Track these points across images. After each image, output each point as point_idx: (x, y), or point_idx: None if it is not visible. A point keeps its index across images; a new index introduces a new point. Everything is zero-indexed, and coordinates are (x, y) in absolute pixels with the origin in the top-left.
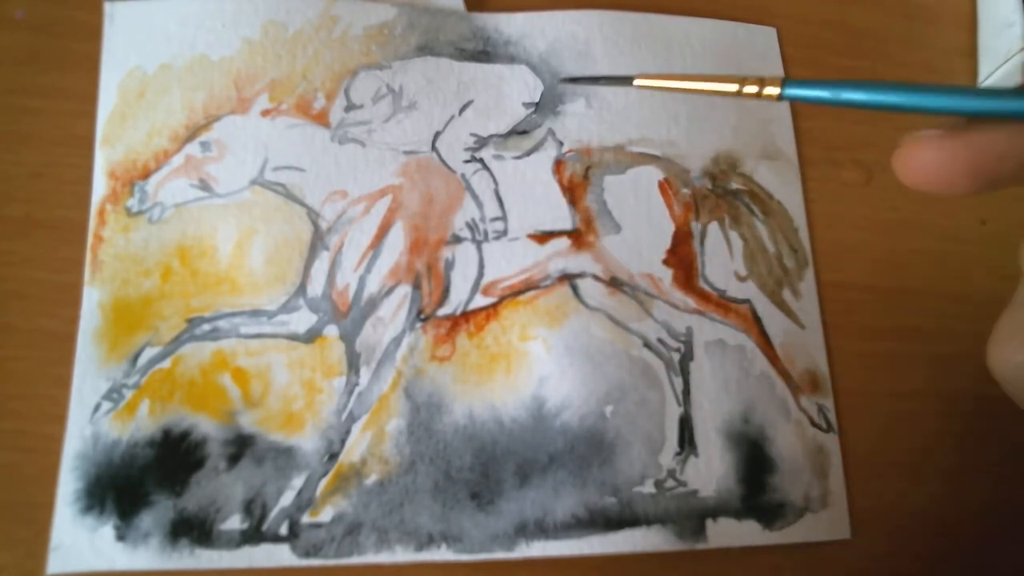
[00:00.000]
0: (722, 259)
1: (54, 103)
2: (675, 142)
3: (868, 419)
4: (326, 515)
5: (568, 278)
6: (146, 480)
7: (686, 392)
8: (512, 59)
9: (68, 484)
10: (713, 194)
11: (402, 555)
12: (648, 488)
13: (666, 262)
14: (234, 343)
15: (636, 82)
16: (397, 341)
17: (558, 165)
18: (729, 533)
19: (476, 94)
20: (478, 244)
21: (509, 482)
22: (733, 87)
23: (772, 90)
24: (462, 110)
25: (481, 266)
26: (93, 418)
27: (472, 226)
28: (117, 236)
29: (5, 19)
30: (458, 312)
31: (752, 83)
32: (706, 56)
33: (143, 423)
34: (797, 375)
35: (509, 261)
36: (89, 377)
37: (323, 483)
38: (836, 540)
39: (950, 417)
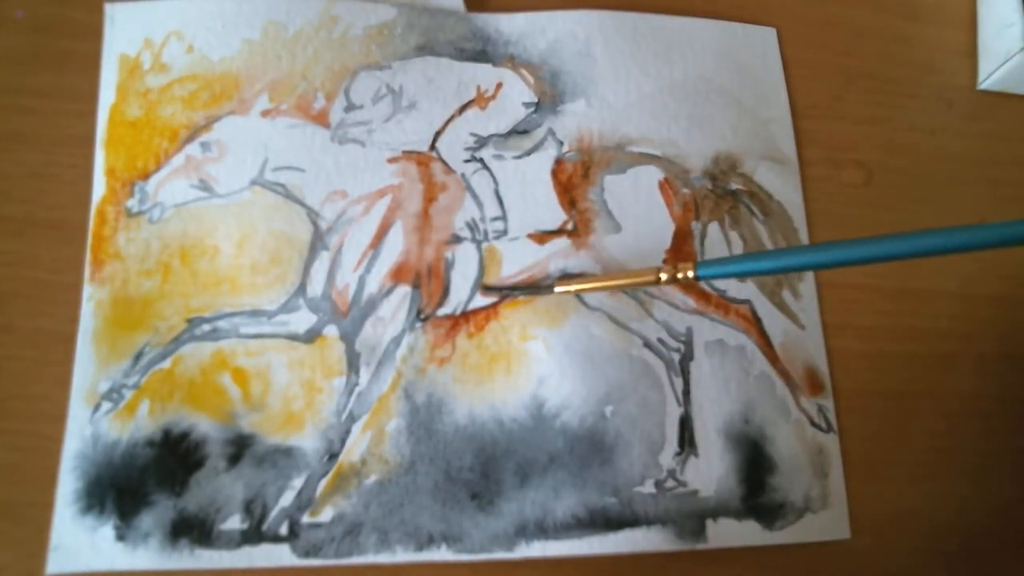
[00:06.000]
0: None
1: (54, 103)
2: (675, 142)
3: (868, 419)
4: (326, 515)
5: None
6: (146, 480)
7: (686, 392)
8: (512, 59)
9: (68, 484)
10: (713, 194)
11: (402, 555)
12: (648, 488)
13: (666, 262)
14: (234, 343)
15: (557, 288)
16: (397, 341)
17: (558, 165)
18: (729, 533)
19: (476, 94)
20: (478, 244)
21: (509, 482)
22: (651, 276)
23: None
24: (462, 110)
25: (481, 266)
26: (93, 418)
27: (472, 226)
28: (117, 236)
29: (5, 19)
30: (458, 312)
31: (667, 271)
32: (706, 56)
33: (143, 423)
34: (797, 375)
35: (509, 261)
36: (89, 377)
37: (323, 483)
38: (836, 540)
39: (950, 417)
